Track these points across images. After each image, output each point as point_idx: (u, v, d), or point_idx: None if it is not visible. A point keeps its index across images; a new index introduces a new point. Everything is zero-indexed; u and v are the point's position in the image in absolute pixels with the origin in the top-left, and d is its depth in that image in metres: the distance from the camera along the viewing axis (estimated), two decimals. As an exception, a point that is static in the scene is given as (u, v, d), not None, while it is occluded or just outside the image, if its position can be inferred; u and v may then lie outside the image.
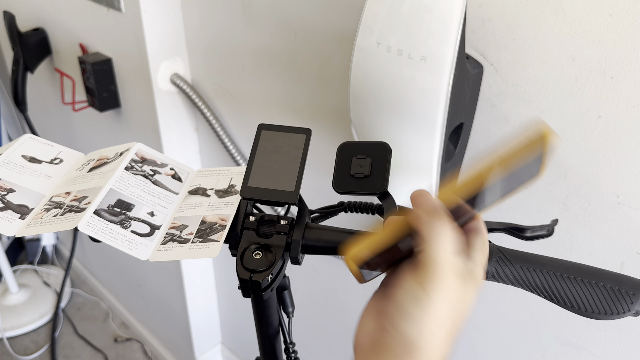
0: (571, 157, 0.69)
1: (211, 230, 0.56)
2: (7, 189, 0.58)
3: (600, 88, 0.63)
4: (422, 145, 0.69)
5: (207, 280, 1.66)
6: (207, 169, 0.65)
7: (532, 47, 0.66)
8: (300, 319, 1.33)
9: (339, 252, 0.55)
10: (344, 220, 0.73)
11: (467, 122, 0.74)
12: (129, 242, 0.53)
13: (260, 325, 0.62)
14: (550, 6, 0.63)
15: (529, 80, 0.68)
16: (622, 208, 0.67)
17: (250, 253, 0.54)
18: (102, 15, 1.29)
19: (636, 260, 0.68)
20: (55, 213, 0.55)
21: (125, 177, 0.59)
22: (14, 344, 2.04)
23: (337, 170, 0.57)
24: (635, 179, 0.64)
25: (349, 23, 0.85)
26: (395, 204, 0.55)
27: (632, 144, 0.63)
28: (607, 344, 0.75)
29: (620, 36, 0.59)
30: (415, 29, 0.63)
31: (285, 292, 0.64)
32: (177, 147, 1.37)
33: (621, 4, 0.58)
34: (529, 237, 0.54)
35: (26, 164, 0.61)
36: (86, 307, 2.21)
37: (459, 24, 0.61)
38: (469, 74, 0.69)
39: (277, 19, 0.98)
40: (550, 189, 0.73)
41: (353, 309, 1.17)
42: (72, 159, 0.65)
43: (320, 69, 0.95)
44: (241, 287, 0.53)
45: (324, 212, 0.63)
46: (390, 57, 0.65)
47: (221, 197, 0.60)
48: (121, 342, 2.05)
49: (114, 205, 0.55)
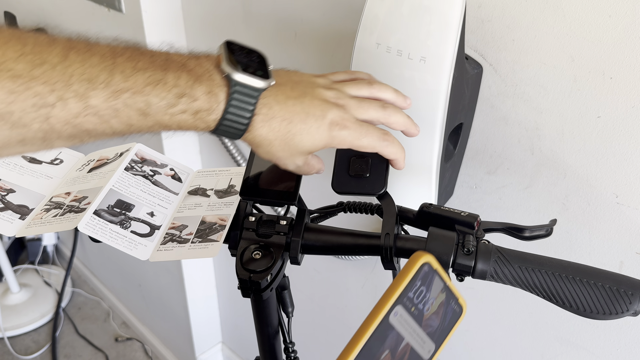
0: (570, 157, 0.69)
1: (211, 230, 0.56)
2: (7, 189, 0.58)
3: (599, 88, 0.63)
4: (422, 145, 0.70)
5: (208, 280, 1.66)
6: (207, 170, 0.66)
7: (532, 48, 0.66)
8: (300, 318, 1.33)
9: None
10: (344, 220, 0.74)
11: (466, 122, 0.74)
12: (129, 242, 0.53)
13: (260, 325, 0.63)
14: (549, 7, 0.63)
15: (528, 81, 0.68)
16: (621, 208, 0.67)
17: (249, 253, 0.54)
18: (103, 16, 1.29)
19: (635, 260, 0.68)
20: (55, 213, 0.55)
21: (125, 177, 0.59)
22: (14, 344, 2.04)
23: (336, 171, 0.57)
24: (635, 179, 0.64)
25: (349, 24, 0.85)
26: (395, 204, 0.55)
27: (632, 144, 0.63)
28: (606, 343, 0.75)
29: (620, 36, 0.59)
30: (414, 30, 0.63)
31: (285, 292, 0.64)
32: (177, 147, 1.37)
33: (620, 4, 0.58)
34: (528, 237, 0.54)
35: (26, 164, 0.62)
36: (87, 306, 2.22)
37: (459, 25, 0.61)
38: (468, 74, 0.69)
39: (277, 19, 0.98)
40: (550, 189, 0.73)
41: (353, 309, 1.17)
42: (72, 160, 0.65)
43: (320, 70, 0.95)
44: (241, 287, 0.53)
45: (323, 212, 0.63)
46: (390, 57, 0.65)
47: (221, 198, 0.60)
48: (122, 342, 2.06)
49: (114, 206, 0.56)
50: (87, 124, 0.42)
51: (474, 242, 0.50)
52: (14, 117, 0.40)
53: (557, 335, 0.81)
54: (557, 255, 0.53)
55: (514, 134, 0.73)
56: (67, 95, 0.40)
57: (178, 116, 0.44)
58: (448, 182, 0.78)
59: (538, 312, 0.82)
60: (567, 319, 0.79)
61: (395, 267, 0.54)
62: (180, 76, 0.44)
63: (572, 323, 0.79)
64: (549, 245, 0.75)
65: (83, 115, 0.41)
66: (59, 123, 0.41)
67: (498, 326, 0.89)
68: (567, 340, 0.80)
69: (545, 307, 0.80)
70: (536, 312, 0.83)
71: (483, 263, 0.50)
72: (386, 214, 0.54)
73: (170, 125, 0.45)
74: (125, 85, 0.42)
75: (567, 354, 0.81)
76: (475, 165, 0.80)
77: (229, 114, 0.45)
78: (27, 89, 0.39)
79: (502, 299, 0.86)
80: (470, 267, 0.50)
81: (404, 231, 0.58)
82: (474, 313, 0.92)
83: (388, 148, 0.53)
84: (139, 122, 0.44)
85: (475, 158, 0.79)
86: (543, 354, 0.84)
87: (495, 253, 0.50)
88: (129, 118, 0.43)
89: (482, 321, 0.91)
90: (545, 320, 0.82)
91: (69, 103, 0.41)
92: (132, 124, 0.44)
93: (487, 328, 0.91)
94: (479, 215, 0.53)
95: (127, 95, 0.42)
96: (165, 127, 0.45)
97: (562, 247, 0.75)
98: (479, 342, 0.93)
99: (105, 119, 0.42)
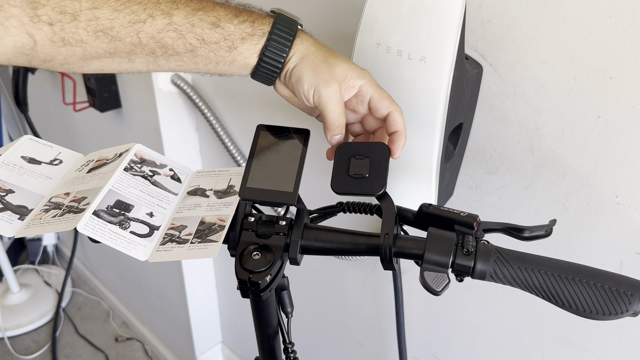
0: (570, 157, 0.69)
1: (210, 230, 0.56)
2: (6, 189, 0.58)
3: (599, 88, 0.63)
4: (422, 145, 0.69)
5: (208, 280, 1.66)
6: (206, 170, 0.66)
7: (532, 48, 0.66)
8: (300, 318, 1.33)
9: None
10: (343, 220, 0.73)
11: (466, 122, 0.74)
12: (128, 243, 0.53)
13: (260, 325, 0.63)
14: (549, 7, 0.63)
15: (528, 81, 0.68)
16: (621, 208, 0.67)
17: (249, 253, 0.54)
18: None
19: (635, 260, 0.68)
20: (54, 214, 0.55)
21: (125, 178, 0.59)
22: (15, 344, 2.04)
23: (336, 171, 0.57)
24: (635, 179, 0.64)
25: (349, 23, 0.85)
26: (394, 204, 0.55)
27: (632, 144, 0.63)
28: (606, 343, 0.75)
29: (620, 36, 0.59)
30: (414, 30, 0.63)
31: (284, 292, 0.64)
32: (177, 147, 1.37)
33: (620, 4, 0.58)
34: (528, 237, 0.54)
35: (26, 164, 0.62)
36: (87, 306, 2.22)
37: (459, 25, 0.61)
38: (468, 74, 0.69)
39: (277, 19, 0.98)
40: (550, 189, 0.73)
41: (353, 309, 1.17)
42: (71, 160, 0.65)
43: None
44: (240, 288, 0.53)
45: (323, 212, 0.63)
46: (390, 57, 0.65)
47: (220, 198, 0.60)
48: (122, 342, 2.06)
49: (113, 206, 0.55)
50: (167, 39, 0.53)
51: (474, 242, 0.50)
52: (114, 31, 0.51)
53: (557, 335, 0.81)
54: (557, 255, 0.53)
55: (514, 134, 0.73)
56: (155, 13, 0.52)
57: (241, 25, 0.55)
58: (448, 182, 0.78)
59: (538, 312, 0.82)
60: (567, 319, 0.79)
61: (394, 267, 0.54)
62: (239, 5, 0.57)
63: (572, 323, 0.79)
64: (549, 245, 0.75)
65: (165, 31, 0.53)
66: (146, 37, 0.52)
67: (498, 326, 0.89)
68: (567, 340, 0.80)
69: (545, 307, 0.80)
70: (536, 312, 0.82)
71: (482, 263, 0.50)
72: (385, 214, 0.54)
73: (234, 35, 0.55)
74: (200, 5, 0.54)
75: (567, 354, 0.81)
76: (475, 165, 0.80)
77: (277, 23, 0.57)
78: (126, 7, 0.51)
79: (502, 299, 0.86)
80: (469, 267, 0.50)
81: (403, 231, 0.58)
82: (474, 313, 0.91)
83: (400, 114, 0.60)
84: (209, 35, 0.54)
85: (475, 158, 0.79)
86: (543, 354, 0.84)
87: (494, 253, 0.50)
88: (202, 31, 0.54)
89: (482, 321, 0.91)
90: (545, 320, 0.82)
91: (157, 19, 0.52)
92: (203, 38, 0.54)
93: (487, 328, 0.91)
94: (479, 216, 0.53)
95: (201, 12, 0.54)
96: (230, 38, 0.55)
97: (562, 247, 0.75)
98: (479, 342, 0.93)
99: (182, 34, 0.53)
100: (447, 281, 0.50)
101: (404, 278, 0.98)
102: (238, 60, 0.57)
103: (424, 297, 0.98)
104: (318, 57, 0.57)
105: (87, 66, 0.54)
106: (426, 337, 1.02)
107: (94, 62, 0.54)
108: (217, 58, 0.56)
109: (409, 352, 1.05)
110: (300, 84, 0.57)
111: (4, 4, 0.47)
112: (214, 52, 0.55)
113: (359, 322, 1.17)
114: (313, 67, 0.56)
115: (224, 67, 0.58)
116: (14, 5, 0.47)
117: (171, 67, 0.57)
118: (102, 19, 0.50)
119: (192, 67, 0.57)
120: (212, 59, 0.56)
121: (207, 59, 0.56)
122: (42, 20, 0.48)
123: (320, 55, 0.57)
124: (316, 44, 0.58)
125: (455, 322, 0.96)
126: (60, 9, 0.49)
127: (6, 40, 0.49)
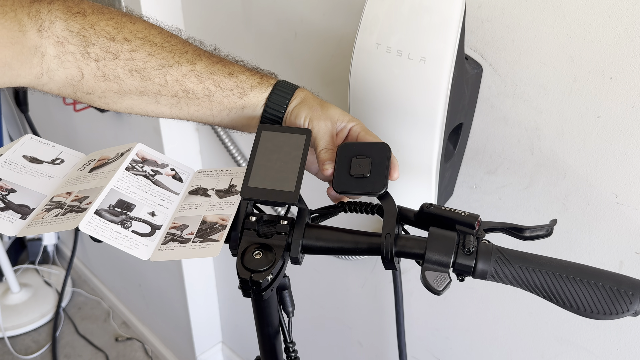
0: (570, 157, 0.69)
1: (212, 230, 0.56)
2: (8, 189, 0.58)
3: (599, 88, 0.63)
4: (422, 145, 0.70)
5: (208, 280, 1.66)
6: (208, 170, 0.66)
7: (531, 48, 0.67)
8: (301, 318, 1.33)
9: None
10: (344, 220, 0.74)
11: (466, 122, 0.75)
12: (130, 242, 0.53)
13: (261, 324, 0.63)
14: (549, 7, 0.63)
15: (528, 81, 0.69)
16: (621, 208, 0.67)
17: (250, 253, 0.54)
18: (103, 16, 1.29)
19: (635, 260, 0.68)
20: (56, 213, 0.55)
21: (126, 177, 0.59)
22: (15, 344, 2.04)
23: (337, 171, 0.57)
24: (634, 179, 0.64)
25: (349, 24, 0.85)
26: (395, 204, 0.55)
27: (631, 144, 0.63)
28: (606, 343, 0.76)
29: (619, 37, 0.59)
30: (414, 30, 0.63)
31: (286, 291, 0.64)
32: (178, 147, 1.37)
33: (620, 4, 0.58)
34: (528, 237, 0.54)
35: (27, 164, 0.62)
36: (87, 306, 2.22)
37: (459, 25, 0.61)
38: (468, 74, 0.69)
39: (277, 20, 0.98)
40: (549, 189, 0.73)
41: (353, 308, 1.17)
42: (73, 160, 0.65)
43: (320, 70, 0.95)
44: (241, 287, 0.53)
45: (324, 212, 0.63)
46: (390, 57, 0.66)
47: (222, 197, 0.60)
48: (122, 342, 2.06)
49: (115, 206, 0.56)
50: (189, 83, 0.63)
51: (475, 242, 0.51)
52: (146, 72, 0.61)
53: (557, 335, 0.81)
54: (557, 255, 0.53)
55: (514, 134, 0.73)
56: (182, 60, 0.62)
57: (252, 77, 0.65)
58: (448, 182, 0.79)
59: (538, 312, 0.82)
60: (567, 319, 0.79)
61: (395, 267, 0.54)
62: (251, 66, 0.68)
63: (571, 323, 0.79)
64: (549, 245, 0.75)
65: (188, 76, 0.62)
66: (172, 79, 0.62)
67: (498, 326, 0.89)
68: (567, 340, 0.80)
69: (545, 307, 0.81)
70: (536, 312, 0.83)
71: (483, 263, 0.50)
72: (387, 214, 0.54)
73: (246, 84, 0.65)
74: (219, 59, 0.65)
75: (567, 353, 0.81)
76: (475, 165, 0.80)
77: (281, 80, 0.67)
78: (158, 53, 0.61)
79: (502, 299, 0.86)
80: (470, 267, 0.50)
81: (404, 231, 0.58)
82: (474, 313, 0.92)
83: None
84: (225, 83, 0.64)
85: (475, 158, 0.79)
86: (543, 354, 0.84)
87: (495, 253, 0.50)
88: (219, 78, 0.64)
89: (482, 321, 0.91)
90: (545, 320, 0.82)
91: (182, 65, 0.62)
92: (219, 84, 0.64)
93: (487, 328, 0.91)
94: (479, 215, 0.53)
95: (220, 65, 0.64)
96: (241, 86, 0.64)
97: (562, 247, 0.75)
98: (479, 342, 0.94)
99: (202, 80, 0.63)
100: (448, 281, 0.50)
101: (404, 278, 0.98)
102: (248, 106, 0.65)
103: (424, 297, 0.98)
104: (315, 101, 0.65)
105: (121, 102, 0.64)
106: (426, 337, 1.02)
107: (126, 99, 0.63)
108: (229, 104, 0.65)
109: (409, 352, 1.06)
110: (298, 119, 0.63)
111: (64, 41, 0.57)
112: (227, 98, 0.64)
113: (359, 322, 1.17)
114: (310, 106, 0.64)
115: (235, 115, 0.66)
116: (72, 43, 0.57)
117: (190, 111, 0.65)
118: (138, 61, 0.60)
119: (207, 113, 0.65)
120: (226, 105, 0.65)
121: (221, 105, 0.65)
122: (91, 57, 0.59)
123: (317, 101, 0.65)
124: (314, 95, 0.67)
125: (455, 322, 0.96)
126: (105, 49, 0.59)
127: (60, 72, 0.58)
